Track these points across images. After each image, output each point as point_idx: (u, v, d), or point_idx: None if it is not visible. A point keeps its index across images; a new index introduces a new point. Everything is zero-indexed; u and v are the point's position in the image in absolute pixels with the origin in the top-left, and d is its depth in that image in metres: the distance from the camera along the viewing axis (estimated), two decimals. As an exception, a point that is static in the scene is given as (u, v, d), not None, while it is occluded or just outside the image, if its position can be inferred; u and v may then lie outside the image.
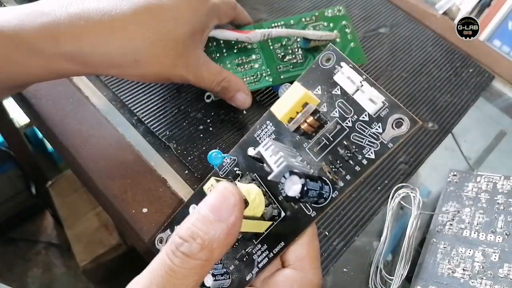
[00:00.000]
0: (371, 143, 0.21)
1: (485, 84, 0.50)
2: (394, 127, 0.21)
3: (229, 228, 0.18)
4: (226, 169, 0.25)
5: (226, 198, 0.18)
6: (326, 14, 0.45)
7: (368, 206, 0.38)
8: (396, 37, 0.53)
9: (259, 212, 0.22)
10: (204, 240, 0.18)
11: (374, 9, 0.56)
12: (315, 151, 0.23)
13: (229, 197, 0.18)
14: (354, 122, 0.22)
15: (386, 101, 0.22)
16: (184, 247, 0.18)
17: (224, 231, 0.18)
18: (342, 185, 0.21)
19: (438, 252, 0.35)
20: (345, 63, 0.23)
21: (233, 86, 0.37)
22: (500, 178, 0.38)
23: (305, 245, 0.22)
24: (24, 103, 0.41)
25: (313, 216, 0.22)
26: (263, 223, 0.22)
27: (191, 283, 0.18)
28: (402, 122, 0.20)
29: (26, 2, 0.48)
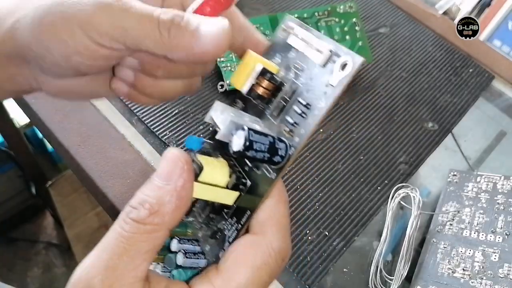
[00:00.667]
0: (322, 92, 0.20)
1: (485, 84, 0.50)
2: (341, 70, 0.20)
3: (178, 191, 0.18)
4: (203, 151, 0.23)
5: (174, 163, 0.18)
6: (338, 9, 0.46)
7: (368, 206, 0.38)
8: (396, 37, 0.53)
9: (222, 181, 0.21)
10: (152, 205, 0.18)
11: (374, 9, 0.56)
12: (275, 115, 0.22)
13: (176, 162, 0.18)
14: (306, 77, 0.21)
15: (332, 49, 0.20)
16: (133, 213, 0.18)
17: (174, 194, 0.18)
18: (297, 140, 0.20)
19: (438, 252, 0.35)
20: (294, 23, 0.22)
21: (189, 18, 0.20)
22: (500, 178, 0.38)
23: (267, 208, 0.21)
24: (24, 103, 0.41)
25: (274, 178, 0.21)
26: (230, 193, 0.21)
27: (143, 247, 0.17)
28: (347, 63, 0.20)
29: None
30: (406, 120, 0.45)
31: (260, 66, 0.21)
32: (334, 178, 0.40)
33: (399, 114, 0.46)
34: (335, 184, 0.39)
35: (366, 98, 0.46)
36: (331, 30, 0.46)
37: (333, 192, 0.39)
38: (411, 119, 0.45)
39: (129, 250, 0.18)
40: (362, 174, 0.40)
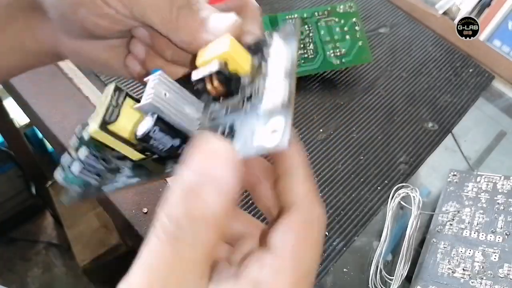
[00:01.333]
0: (250, 133, 0.16)
1: (485, 84, 0.50)
2: (270, 133, 0.15)
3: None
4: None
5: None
6: (338, 9, 0.46)
7: (368, 206, 0.38)
8: (396, 37, 0.53)
9: (131, 137, 0.19)
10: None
11: (374, 9, 0.56)
12: (211, 116, 0.19)
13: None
14: (250, 108, 0.17)
15: (284, 104, 0.16)
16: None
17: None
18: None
19: (438, 252, 0.35)
20: (283, 37, 0.18)
21: (204, 5, 0.20)
22: (500, 178, 0.38)
23: (295, 188, 0.18)
24: (24, 103, 0.41)
25: (167, 171, 0.19)
26: (134, 153, 0.20)
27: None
28: (276, 132, 0.15)
29: None
30: (406, 120, 0.45)
31: (216, 65, 0.18)
32: (334, 178, 0.40)
33: (399, 114, 0.46)
34: (335, 184, 0.39)
35: (366, 98, 0.46)
36: (331, 30, 0.46)
37: (333, 192, 0.39)
38: (411, 119, 0.45)
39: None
40: (362, 174, 0.40)
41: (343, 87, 0.47)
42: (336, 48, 0.46)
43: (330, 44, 0.45)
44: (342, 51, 0.46)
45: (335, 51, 0.46)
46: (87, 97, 0.42)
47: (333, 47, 0.46)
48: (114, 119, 0.19)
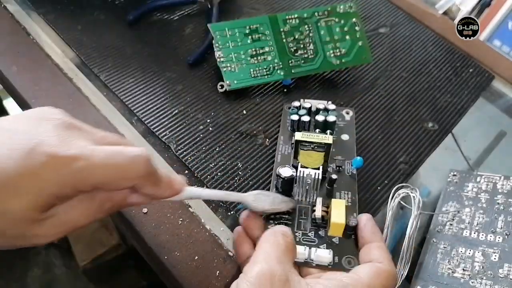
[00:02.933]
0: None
1: (485, 84, 0.50)
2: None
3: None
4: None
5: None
6: (338, 9, 0.46)
7: (368, 206, 0.38)
8: (396, 37, 0.53)
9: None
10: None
11: (374, 9, 0.56)
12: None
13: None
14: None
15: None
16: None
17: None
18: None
19: (438, 252, 0.35)
20: None
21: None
22: (500, 178, 0.38)
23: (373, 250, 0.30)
24: (24, 103, 0.41)
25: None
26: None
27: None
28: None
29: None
30: (406, 120, 0.45)
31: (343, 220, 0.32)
32: (334, 178, 0.40)
33: (399, 114, 0.46)
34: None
35: (366, 98, 0.46)
36: (331, 30, 0.46)
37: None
38: (411, 119, 0.45)
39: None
40: (362, 174, 0.40)
41: (343, 87, 0.47)
42: (336, 48, 0.46)
43: (330, 44, 0.46)
44: (342, 51, 0.46)
45: (335, 51, 0.46)
46: (87, 97, 0.42)
47: (333, 47, 0.46)
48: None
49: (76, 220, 0.25)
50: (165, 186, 0.27)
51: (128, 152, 0.25)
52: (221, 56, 0.43)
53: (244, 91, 0.44)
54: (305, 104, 0.41)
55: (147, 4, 0.49)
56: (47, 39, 0.46)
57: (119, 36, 0.47)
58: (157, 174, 0.27)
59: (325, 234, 0.32)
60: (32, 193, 0.22)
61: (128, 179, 0.25)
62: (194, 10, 0.52)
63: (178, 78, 0.45)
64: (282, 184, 0.34)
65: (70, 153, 0.22)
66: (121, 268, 0.91)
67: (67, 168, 0.22)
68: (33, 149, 0.22)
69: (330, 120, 0.38)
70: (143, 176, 0.25)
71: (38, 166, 0.21)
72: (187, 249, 0.34)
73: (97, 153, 0.23)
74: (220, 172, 0.38)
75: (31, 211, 0.22)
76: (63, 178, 0.22)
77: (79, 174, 0.23)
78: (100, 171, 0.23)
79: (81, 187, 0.23)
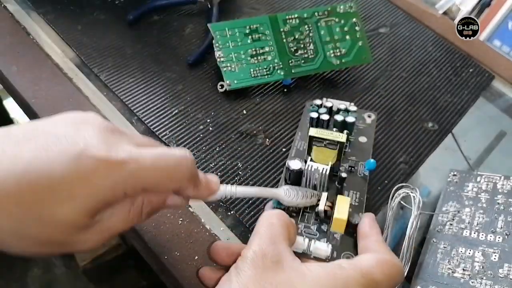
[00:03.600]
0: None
1: (485, 84, 0.50)
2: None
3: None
4: None
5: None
6: (338, 9, 0.46)
7: (368, 206, 0.38)
8: (396, 37, 0.53)
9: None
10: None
11: (374, 9, 0.56)
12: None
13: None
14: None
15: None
16: None
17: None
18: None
19: (438, 252, 0.35)
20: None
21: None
22: (500, 178, 0.38)
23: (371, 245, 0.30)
24: (24, 103, 0.41)
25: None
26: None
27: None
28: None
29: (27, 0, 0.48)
30: (406, 120, 0.45)
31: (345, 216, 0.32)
32: (334, 178, 0.40)
33: (399, 114, 0.46)
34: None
35: (366, 98, 0.46)
36: (331, 30, 0.46)
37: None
38: (411, 119, 0.45)
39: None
40: (362, 174, 0.40)
41: (343, 87, 0.47)
42: (336, 48, 0.46)
43: (330, 44, 0.46)
44: (342, 51, 0.46)
45: (335, 51, 0.46)
46: (87, 97, 0.42)
47: (333, 47, 0.46)
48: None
49: (119, 226, 0.25)
50: (204, 187, 0.27)
51: (175, 154, 0.25)
52: (221, 56, 0.43)
53: (244, 91, 0.44)
54: (327, 103, 0.41)
55: (147, 4, 0.49)
56: (47, 39, 0.46)
57: (119, 36, 0.47)
58: (198, 176, 0.27)
59: (327, 229, 0.32)
60: (82, 198, 0.21)
61: (175, 181, 0.25)
62: (194, 10, 0.52)
63: (178, 78, 0.45)
64: (290, 177, 0.34)
65: (120, 157, 0.22)
66: (121, 268, 0.91)
67: (119, 172, 0.22)
68: (81, 153, 0.21)
69: (349, 121, 0.38)
70: (188, 178, 0.26)
71: (89, 171, 0.21)
72: (187, 249, 0.34)
73: (146, 156, 0.23)
74: (220, 172, 0.38)
75: (80, 217, 0.22)
76: (115, 182, 0.22)
77: (130, 178, 0.22)
78: (150, 174, 0.23)
79: (131, 191, 0.23)
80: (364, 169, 0.37)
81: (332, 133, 0.35)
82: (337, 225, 0.32)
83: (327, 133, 0.35)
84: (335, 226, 0.32)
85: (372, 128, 0.41)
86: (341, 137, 0.34)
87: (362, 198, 0.35)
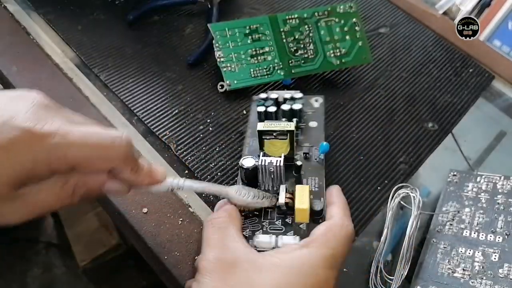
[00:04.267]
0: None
1: (485, 84, 0.50)
2: None
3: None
4: None
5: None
6: (338, 9, 0.46)
7: (368, 206, 0.38)
8: (396, 37, 0.53)
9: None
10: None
11: (374, 9, 0.56)
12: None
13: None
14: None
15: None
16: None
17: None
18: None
19: (438, 252, 0.35)
20: None
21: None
22: (500, 178, 0.38)
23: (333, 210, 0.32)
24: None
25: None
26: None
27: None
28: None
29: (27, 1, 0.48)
30: (406, 120, 0.45)
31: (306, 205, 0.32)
32: (334, 178, 0.40)
33: (399, 114, 0.46)
34: (335, 184, 0.39)
35: (366, 98, 0.46)
36: (331, 30, 0.46)
37: (333, 192, 0.39)
38: (411, 119, 0.45)
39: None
40: (362, 174, 0.40)
41: (343, 87, 0.47)
42: (336, 48, 0.46)
43: (330, 44, 0.46)
44: (342, 51, 0.46)
45: (335, 51, 0.46)
46: (87, 97, 0.42)
47: (333, 47, 0.46)
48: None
49: (48, 203, 0.25)
50: (145, 174, 0.27)
51: (108, 133, 0.25)
52: (221, 56, 0.43)
53: (244, 91, 0.44)
54: (272, 95, 0.40)
55: (147, 4, 0.49)
56: (47, 39, 0.46)
57: (119, 36, 0.47)
58: (138, 161, 0.27)
59: (292, 221, 0.32)
60: (3, 167, 0.21)
61: (106, 160, 0.25)
62: (194, 10, 0.52)
63: (178, 78, 0.45)
64: (246, 175, 0.33)
65: (46, 130, 0.22)
66: (121, 268, 0.91)
67: (42, 144, 0.22)
68: (5, 123, 0.21)
69: (296, 108, 0.38)
70: (122, 159, 0.25)
71: (11, 140, 0.21)
72: (187, 249, 0.34)
73: (75, 132, 0.23)
74: (220, 172, 0.38)
75: (1, 186, 0.22)
76: (37, 154, 0.22)
77: (53, 151, 0.22)
78: (77, 149, 0.23)
79: (56, 166, 0.23)
80: (318, 154, 0.36)
81: (279, 123, 0.34)
82: (300, 215, 0.31)
83: (275, 124, 0.34)
84: (299, 216, 0.32)
85: (321, 112, 0.40)
86: (290, 126, 0.34)
87: (321, 183, 0.34)
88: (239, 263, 0.26)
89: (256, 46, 0.44)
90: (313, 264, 0.27)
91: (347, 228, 0.30)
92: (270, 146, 0.34)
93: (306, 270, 0.26)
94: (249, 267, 0.26)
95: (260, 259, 0.27)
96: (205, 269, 0.26)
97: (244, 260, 0.26)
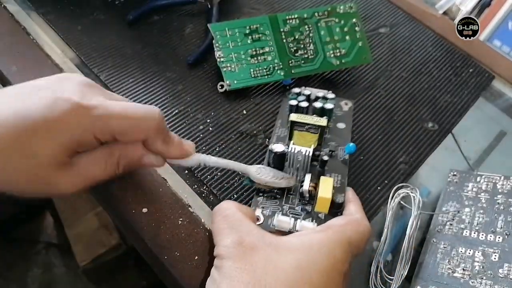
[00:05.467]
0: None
1: (485, 84, 0.50)
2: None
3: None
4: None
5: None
6: (338, 10, 0.46)
7: (368, 206, 0.38)
8: (396, 37, 0.53)
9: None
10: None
11: (374, 9, 0.56)
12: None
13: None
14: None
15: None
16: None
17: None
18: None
19: (438, 252, 0.35)
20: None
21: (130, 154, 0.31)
22: (500, 178, 0.38)
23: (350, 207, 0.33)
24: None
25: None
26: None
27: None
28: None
29: (27, 1, 0.48)
30: (406, 120, 0.45)
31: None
32: (334, 178, 0.40)
33: (399, 114, 0.46)
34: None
35: (366, 98, 0.46)
36: (331, 30, 0.46)
37: (333, 192, 0.39)
38: (411, 119, 0.45)
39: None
40: (362, 174, 0.40)
41: (343, 87, 0.47)
42: (336, 48, 0.46)
43: (330, 44, 0.46)
44: (342, 52, 0.46)
45: (335, 52, 0.46)
46: (87, 97, 0.42)
47: (333, 48, 0.46)
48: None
49: (96, 173, 0.29)
50: (176, 146, 0.31)
51: (143, 106, 0.29)
52: (221, 56, 0.43)
53: (244, 91, 0.44)
54: (305, 91, 0.42)
55: (147, 4, 0.49)
56: (47, 39, 0.46)
57: (119, 36, 0.47)
58: (169, 133, 0.31)
59: (312, 210, 0.33)
60: (58, 137, 0.25)
61: (141, 130, 0.29)
62: (194, 10, 0.52)
63: (178, 78, 0.45)
64: (274, 160, 0.34)
65: (92, 103, 0.26)
66: (121, 268, 0.91)
67: (88, 115, 0.26)
68: (57, 98, 0.25)
69: (327, 108, 0.39)
70: (154, 130, 0.29)
71: (63, 113, 0.25)
72: (187, 249, 0.34)
73: (115, 105, 0.27)
74: (220, 172, 0.38)
75: (57, 152, 0.26)
76: (84, 124, 0.26)
77: (97, 122, 0.26)
78: (116, 120, 0.27)
79: (100, 135, 0.27)
80: (344, 153, 0.37)
81: (313, 117, 0.36)
82: (321, 204, 0.32)
83: (308, 117, 0.36)
84: (320, 205, 0.32)
85: (350, 115, 0.42)
86: (322, 121, 0.35)
87: (344, 180, 0.35)
88: (258, 245, 0.27)
89: (256, 46, 0.44)
90: (331, 246, 0.28)
91: (365, 225, 0.31)
92: (299, 137, 0.36)
93: (325, 250, 0.27)
94: (269, 248, 0.27)
95: (278, 241, 0.27)
96: (225, 254, 0.27)
97: (262, 242, 0.27)
